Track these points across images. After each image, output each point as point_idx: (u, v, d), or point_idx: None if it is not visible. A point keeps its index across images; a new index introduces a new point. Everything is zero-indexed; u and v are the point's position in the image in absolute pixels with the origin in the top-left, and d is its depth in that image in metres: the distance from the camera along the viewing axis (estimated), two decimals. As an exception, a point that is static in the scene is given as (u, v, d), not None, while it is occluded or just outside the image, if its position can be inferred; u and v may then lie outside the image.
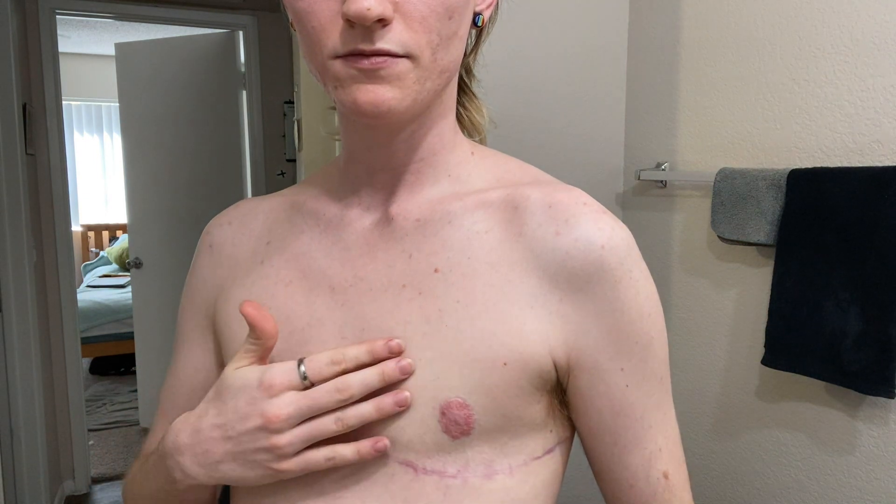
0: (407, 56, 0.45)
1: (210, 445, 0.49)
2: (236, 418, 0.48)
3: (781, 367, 1.10)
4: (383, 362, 0.49)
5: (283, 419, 0.47)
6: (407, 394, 0.49)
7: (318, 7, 0.45)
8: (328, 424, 0.48)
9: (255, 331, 0.49)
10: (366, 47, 0.44)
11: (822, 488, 1.12)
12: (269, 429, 0.47)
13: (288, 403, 0.47)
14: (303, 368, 0.48)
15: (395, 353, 0.49)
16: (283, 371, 0.48)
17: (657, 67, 1.42)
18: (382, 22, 0.44)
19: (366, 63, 0.45)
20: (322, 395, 0.48)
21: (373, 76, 0.45)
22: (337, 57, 0.46)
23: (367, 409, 0.48)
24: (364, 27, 0.44)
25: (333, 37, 0.45)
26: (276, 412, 0.47)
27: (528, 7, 1.39)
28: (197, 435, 0.50)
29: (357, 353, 0.49)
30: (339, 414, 0.48)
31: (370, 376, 0.48)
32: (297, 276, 0.56)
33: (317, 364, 0.48)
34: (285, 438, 0.47)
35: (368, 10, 0.42)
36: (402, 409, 0.49)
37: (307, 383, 0.48)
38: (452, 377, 0.49)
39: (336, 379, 0.48)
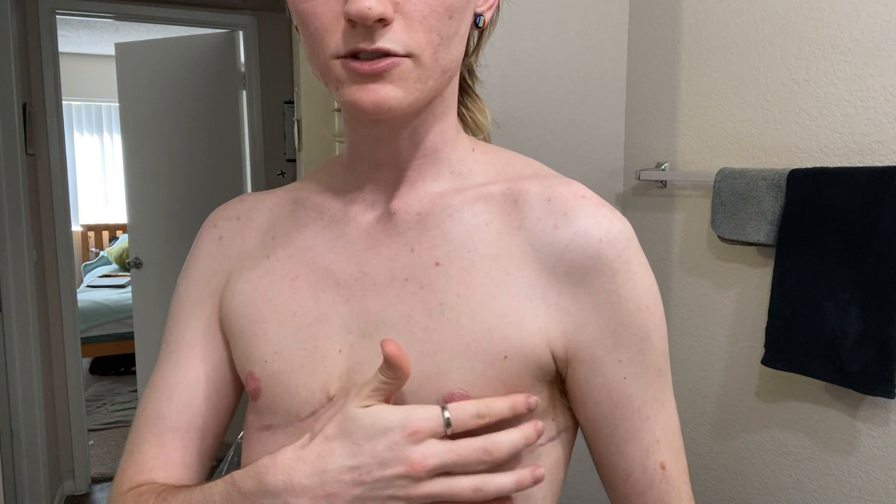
0: (408, 55, 0.46)
1: (338, 489, 0.45)
2: (374, 463, 0.45)
3: (781, 367, 1.10)
4: (525, 426, 0.48)
5: (428, 469, 0.45)
6: (542, 469, 0.49)
7: (321, 9, 0.46)
8: (465, 491, 0.46)
9: (395, 371, 0.46)
10: (367, 46, 0.45)
11: (822, 488, 1.13)
12: (410, 477, 0.45)
13: (433, 454, 0.45)
14: (447, 415, 0.46)
15: (532, 409, 0.50)
16: (427, 416, 0.46)
17: (657, 67, 1.42)
18: (383, 21, 0.44)
19: (365, 68, 0.45)
20: (470, 452, 0.46)
21: (374, 77, 0.46)
22: (338, 57, 0.46)
23: (507, 482, 0.47)
24: (365, 27, 0.44)
25: (335, 37, 0.46)
26: (421, 461, 0.45)
27: (529, 7, 1.39)
28: (321, 476, 0.46)
29: (501, 408, 0.48)
30: (479, 483, 0.47)
31: (518, 440, 0.48)
32: (303, 270, 0.56)
33: (462, 414, 0.47)
34: (421, 490, 0.46)
35: (369, 9, 0.42)
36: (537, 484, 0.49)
37: (449, 431, 0.46)
38: (454, 370, 0.49)
39: (485, 438, 0.47)
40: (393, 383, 0.47)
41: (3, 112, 2.27)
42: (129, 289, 4.70)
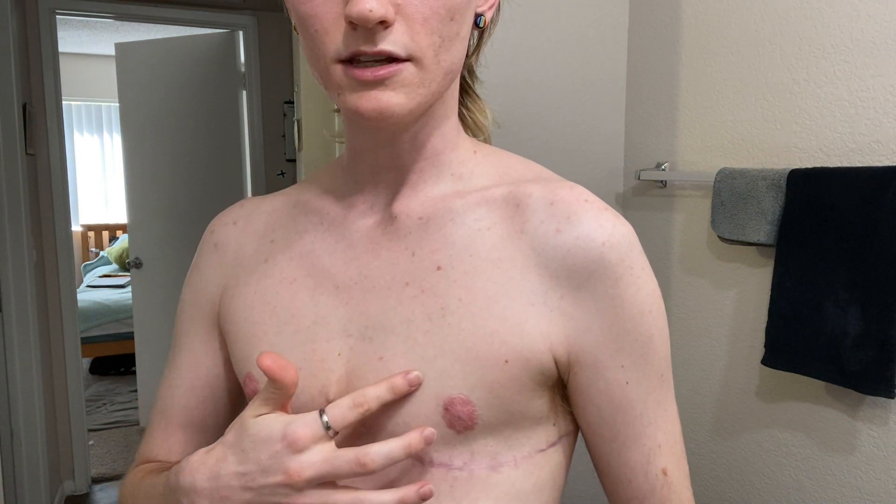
0: (409, 58, 0.46)
1: (229, 493, 0.48)
2: (258, 470, 0.47)
3: (781, 367, 1.10)
4: (409, 434, 0.48)
5: (306, 479, 0.46)
6: (430, 486, 0.48)
7: (321, 10, 0.45)
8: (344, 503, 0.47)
9: (275, 383, 0.47)
10: (368, 49, 0.44)
11: (822, 488, 1.13)
12: (290, 486, 0.46)
13: (310, 465, 0.46)
14: (325, 418, 0.47)
15: (415, 385, 0.49)
16: (305, 423, 0.47)
17: (657, 67, 1.42)
18: (384, 24, 0.44)
19: (367, 75, 0.45)
20: (343, 464, 0.46)
21: (376, 84, 0.45)
22: (339, 61, 0.46)
23: (387, 500, 0.47)
24: (366, 29, 0.44)
25: (336, 40, 0.45)
26: (298, 471, 0.46)
27: (529, 7, 1.39)
28: (216, 480, 0.48)
29: (378, 392, 0.48)
30: (354, 500, 0.47)
31: (396, 451, 0.47)
32: (302, 274, 0.56)
33: (339, 411, 0.47)
34: (302, 500, 0.47)
35: (370, 11, 0.42)
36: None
37: (331, 433, 0.47)
38: (455, 374, 0.49)
39: (360, 451, 0.47)
40: (278, 394, 0.48)
41: (3, 112, 2.27)
42: (129, 289, 4.70)
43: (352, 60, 0.46)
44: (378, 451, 0.47)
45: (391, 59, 0.45)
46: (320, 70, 0.48)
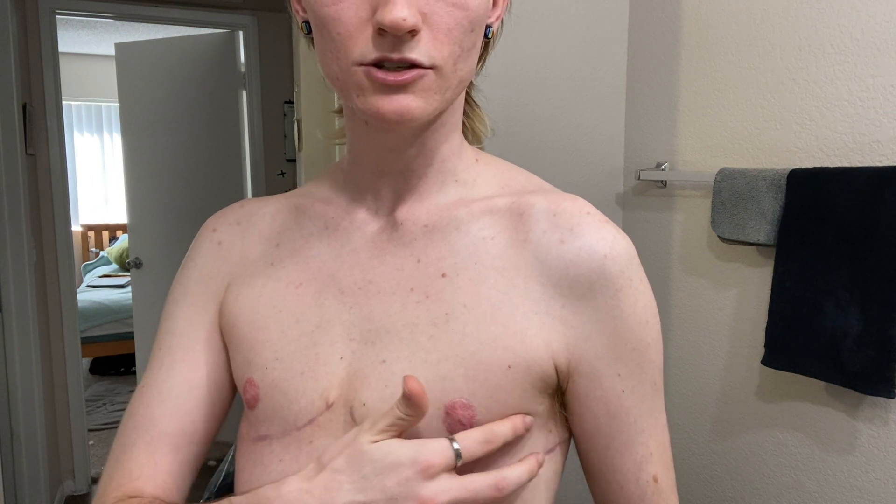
0: (432, 67, 0.46)
1: None
2: (384, 499, 0.45)
3: (781, 367, 1.10)
4: (528, 460, 0.50)
5: None
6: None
7: (346, 14, 0.46)
8: None
9: (415, 408, 0.46)
10: (394, 55, 0.45)
11: (822, 488, 1.13)
12: None
13: (445, 490, 0.45)
14: (456, 446, 0.47)
15: (528, 428, 0.51)
16: (438, 450, 0.46)
17: (657, 67, 1.42)
18: (412, 32, 0.45)
19: (390, 79, 0.45)
20: (482, 488, 0.47)
21: (398, 88, 0.46)
22: (361, 64, 0.46)
23: (523, 471, 0.49)
24: (395, 36, 0.45)
25: (360, 44, 0.46)
26: (433, 498, 0.45)
27: (529, 7, 1.39)
28: None
29: (504, 431, 0.49)
30: (501, 477, 0.48)
31: (524, 475, 0.49)
32: (307, 278, 0.56)
33: (471, 443, 0.48)
34: None
35: (404, 20, 0.43)
36: None
37: (460, 463, 0.47)
38: (457, 379, 0.49)
39: (496, 474, 0.48)
40: (410, 420, 0.47)
41: (3, 112, 2.27)
42: (129, 289, 4.70)
43: (374, 64, 0.46)
44: (512, 475, 0.48)
45: (413, 65, 0.46)
46: (339, 71, 0.48)
